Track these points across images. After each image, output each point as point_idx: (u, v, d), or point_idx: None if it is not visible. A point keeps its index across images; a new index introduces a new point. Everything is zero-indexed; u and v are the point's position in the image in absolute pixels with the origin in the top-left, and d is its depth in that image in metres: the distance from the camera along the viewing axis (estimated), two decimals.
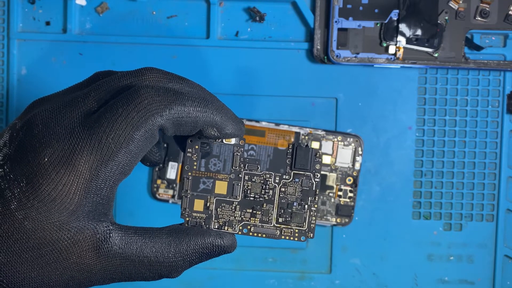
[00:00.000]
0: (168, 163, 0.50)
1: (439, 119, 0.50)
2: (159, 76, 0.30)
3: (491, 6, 0.48)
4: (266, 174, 0.32)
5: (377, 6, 0.48)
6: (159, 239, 0.30)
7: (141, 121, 0.28)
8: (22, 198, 0.27)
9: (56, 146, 0.28)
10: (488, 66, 0.49)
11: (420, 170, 0.50)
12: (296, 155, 0.32)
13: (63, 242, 0.28)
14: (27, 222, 0.27)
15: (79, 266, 0.28)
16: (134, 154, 0.28)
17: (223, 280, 0.51)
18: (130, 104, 0.28)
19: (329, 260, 0.51)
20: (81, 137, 0.28)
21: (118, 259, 0.29)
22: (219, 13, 0.50)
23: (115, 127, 0.28)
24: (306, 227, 0.32)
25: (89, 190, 0.28)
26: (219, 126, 0.30)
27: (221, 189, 0.32)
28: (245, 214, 0.32)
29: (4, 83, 0.50)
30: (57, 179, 0.27)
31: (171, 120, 0.29)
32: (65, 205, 0.27)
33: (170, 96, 0.29)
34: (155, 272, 0.30)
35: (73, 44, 0.50)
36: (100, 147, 0.27)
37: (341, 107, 0.50)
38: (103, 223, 0.29)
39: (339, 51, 0.48)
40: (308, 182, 0.32)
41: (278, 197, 0.32)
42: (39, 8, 0.50)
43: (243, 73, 0.50)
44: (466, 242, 0.50)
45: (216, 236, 0.31)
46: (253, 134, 0.49)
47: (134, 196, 0.51)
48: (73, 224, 0.28)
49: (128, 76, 0.30)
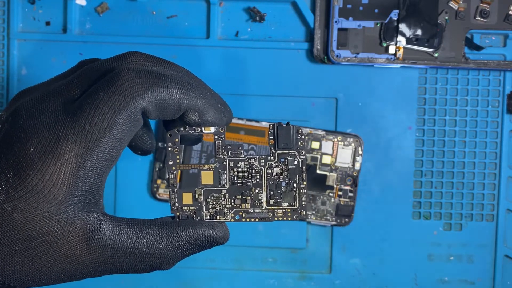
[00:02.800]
0: (168, 163, 0.50)
1: (439, 119, 0.50)
2: (142, 60, 0.30)
3: (491, 6, 0.48)
4: (250, 158, 0.31)
5: (377, 6, 0.48)
6: (151, 231, 0.30)
7: (123, 104, 0.28)
8: (10, 189, 0.27)
9: (41, 135, 0.27)
10: (488, 66, 0.49)
11: (420, 170, 0.50)
12: (278, 135, 0.31)
13: (53, 234, 0.27)
14: (16, 214, 0.27)
15: (69, 258, 0.28)
16: (119, 139, 0.28)
17: (223, 280, 0.51)
18: (111, 88, 0.28)
19: (329, 260, 0.51)
20: (65, 125, 0.27)
21: (109, 251, 0.29)
22: (219, 13, 0.50)
23: (97, 112, 0.27)
24: (298, 206, 0.31)
25: (76, 178, 0.27)
26: (201, 112, 0.30)
27: (208, 179, 0.32)
28: (235, 201, 0.31)
29: (4, 83, 0.50)
30: (43, 169, 0.27)
31: (153, 103, 0.28)
32: (53, 195, 0.27)
33: (152, 78, 0.29)
34: (146, 264, 0.30)
35: (73, 44, 0.50)
36: (84, 134, 0.27)
37: (341, 107, 0.50)
38: (94, 213, 0.28)
39: (339, 51, 0.48)
40: (294, 160, 0.31)
41: (266, 180, 0.31)
42: (39, 8, 0.50)
43: (243, 73, 0.50)
44: (466, 242, 0.50)
45: (208, 227, 0.31)
46: (253, 134, 0.49)
47: (134, 196, 0.51)
48: (62, 215, 0.27)
49: (111, 61, 0.30)
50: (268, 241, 0.51)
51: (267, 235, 0.51)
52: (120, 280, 0.51)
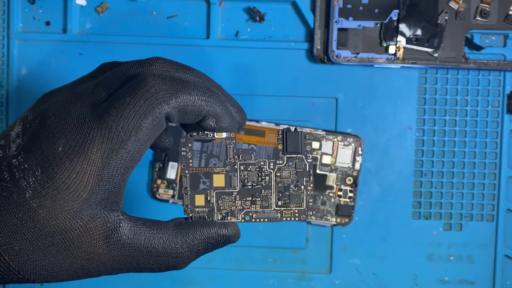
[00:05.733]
0: (168, 163, 0.50)
1: (439, 119, 0.50)
2: (166, 66, 0.31)
3: (491, 6, 0.48)
4: (260, 161, 0.33)
5: (377, 6, 0.48)
6: (166, 231, 0.31)
7: (149, 109, 0.29)
8: (37, 186, 0.28)
9: (69, 136, 0.28)
10: (488, 66, 0.49)
11: (420, 170, 0.50)
12: (287, 140, 0.33)
13: (75, 230, 0.28)
14: (41, 211, 0.28)
15: (89, 255, 0.29)
16: (143, 141, 0.29)
17: (223, 280, 0.51)
18: (137, 93, 0.29)
19: (329, 260, 0.51)
20: (92, 126, 0.29)
21: (127, 249, 0.30)
22: (219, 13, 0.50)
23: (124, 116, 0.29)
24: (305, 206, 0.33)
25: (101, 177, 0.28)
26: (218, 118, 0.32)
27: (219, 182, 0.33)
28: (245, 203, 0.33)
29: (4, 83, 0.50)
30: (71, 168, 0.28)
31: (177, 109, 0.30)
32: (79, 193, 0.28)
33: (176, 84, 0.30)
34: (162, 263, 0.31)
35: (73, 44, 0.50)
36: (111, 136, 0.28)
37: (341, 107, 0.50)
38: (114, 212, 0.29)
39: (339, 51, 0.48)
40: (301, 164, 0.33)
41: (274, 182, 0.33)
42: (39, 8, 0.50)
43: (243, 73, 0.50)
44: (466, 242, 0.50)
45: (220, 226, 0.32)
46: (253, 134, 0.49)
47: (134, 196, 0.51)
48: (86, 212, 0.28)
49: (136, 66, 0.31)
50: (268, 241, 0.51)
51: (267, 235, 0.51)
52: (121, 281, 0.51)
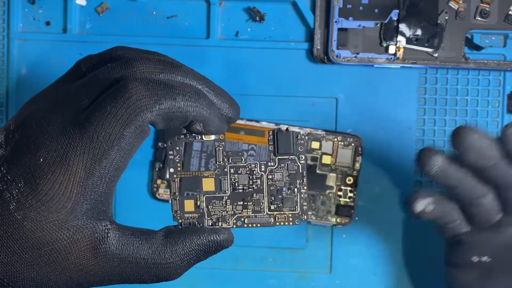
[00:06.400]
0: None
1: (439, 119, 0.50)
2: (150, 66, 0.30)
3: (491, 6, 0.48)
4: (251, 164, 0.32)
5: (377, 6, 0.48)
6: (156, 240, 0.30)
7: (130, 118, 0.28)
8: (21, 198, 0.27)
9: (50, 146, 0.28)
10: (488, 66, 0.49)
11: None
12: (277, 141, 0.32)
13: (62, 242, 0.28)
14: (26, 222, 0.27)
15: (77, 267, 0.28)
16: (126, 150, 0.28)
17: (223, 280, 0.51)
18: (118, 101, 0.28)
19: (329, 260, 0.51)
20: (73, 137, 0.28)
21: (115, 260, 0.29)
22: (219, 13, 0.50)
23: (105, 126, 0.28)
24: (299, 210, 0.32)
25: (85, 188, 0.28)
26: (206, 122, 0.30)
27: (209, 186, 0.32)
28: (236, 207, 0.32)
29: (4, 83, 0.50)
30: (53, 178, 0.27)
31: (161, 116, 0.29)
32: (63, 203, 0.27)
33: (160, 90, 0.29)
34: (152, 274, 0.30)
35: (73, 44, 0.50)
36: (92, 146, 0.28)
37: (341, 107, 0.50)
38: (102, 222, 0.29)
39: (339, 51, 0.48)
40: (294, 165, 0.32)
41: (266, 185, 0.32)
42: (39, 8, 0.50)
43: (243, 73, 0.50)
44: None
45: (211, 232, 0.31)
46: (253, 134, 0.49)
47: (134, 196, 0.51)
48: (71, 223, 0.28)
49: (118, 69, 0.30)
50: (268, 241, 0.51)
51: (267, 235, 0.50)
52: None
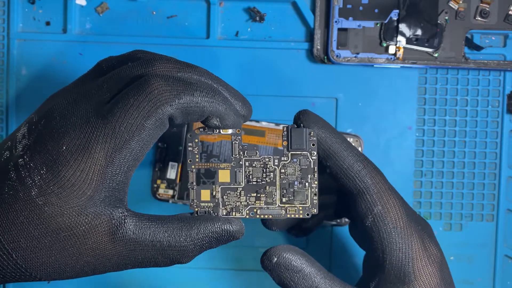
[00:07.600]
0: (168, 163, 0.50)
1: (439, 119, 0.50)
2: (168, 66, 0.32)
3: (491, 6, 0.48)
4: (265, 158, 0.33)
5: (377, 6, 0.48)
6: (171, 224, 0.31)
7: (152, 110, 0.29)
8: (43, 184, 0.28)
9: (73, 135, 0.29)
10: (488, 66, 0.49)
11: (420, 170, 0.50)
12: (291, 137, 0.33)
13: (81, 227, 0.29)
14: (47, 208, 0.28)
15: (94, 252, 0.30)
16: (145, 141, 0.30)
17: (223, 280, 0.51)
18: (141, 94, 0.29)
19: (329, 260, 0.51)
20: (96, 126, 0.29)
21: (132, 244, 0.30)
22: (219, 13, 0.50)
23: (127, 117, 0.29)
24: (309, 204, 0.33)
25: (105, 175, 0.29)
26: (222, 117, 0.32)
27: (225, 178, 0.33)
28: (250, 199, 0.33)
29: (4, 83, 0.50)
30: (75, 166, 0.29)
31: (180, 110, 0.30)
32: (83, 190, 0.29)
33: (179, 86, 0.30)
34: (167, 256, 0.31)
35: (73, 44, 0.50)
36: (114, 136, 0.29)
37: (341, 107, 0.50)
38: (119, 209, 0.30)
39: (339, 51, 0.48)
40: (306, 160, 0.33)
41: (279, 179, 0.33)
42: (39, 8, 0.50)
43: (243, 73, 0.50)
44: (466, 242, 0.50)
45: (225, 222, 0.32)
46: (253, 134, 0.49)
47: (134, 196, 0.51)
48: (90, 209, 0.29)
49: (139, 67, 0.31)
50: (268, 241, 0.51)
51: (267, 235, 0.50)
52: (121, 281, 0.51)
